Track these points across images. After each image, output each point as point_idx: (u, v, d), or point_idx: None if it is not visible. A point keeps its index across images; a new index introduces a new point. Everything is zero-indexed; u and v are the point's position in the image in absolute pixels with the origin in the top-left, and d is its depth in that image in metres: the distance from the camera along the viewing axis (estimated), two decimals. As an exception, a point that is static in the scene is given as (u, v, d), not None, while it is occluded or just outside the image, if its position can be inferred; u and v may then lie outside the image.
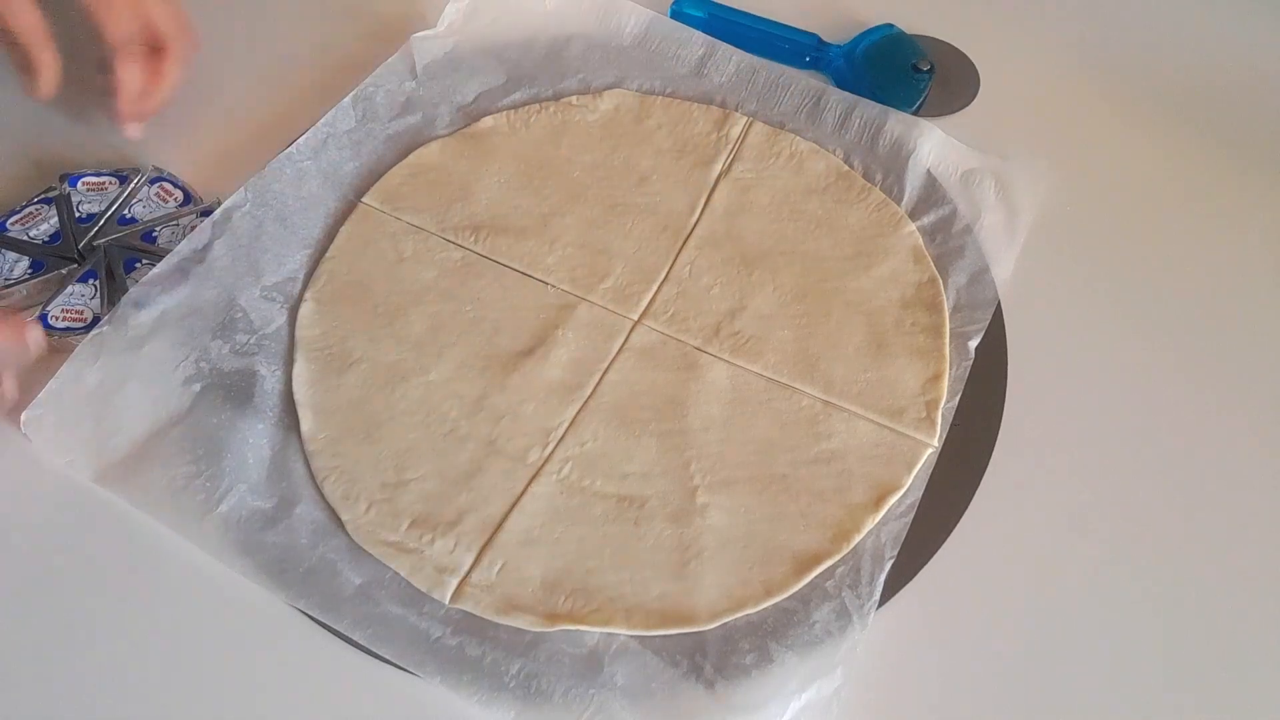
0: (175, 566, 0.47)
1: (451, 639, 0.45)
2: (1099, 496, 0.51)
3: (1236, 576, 0.49)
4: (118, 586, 0.47)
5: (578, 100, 0.65)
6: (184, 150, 0.62)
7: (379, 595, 0.47)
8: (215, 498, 0.48)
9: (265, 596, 0.46)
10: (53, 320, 0.53)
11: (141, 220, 0.58)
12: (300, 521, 0.49)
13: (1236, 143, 0.66)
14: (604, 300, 0.56)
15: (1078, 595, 0.48)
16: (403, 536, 0.48)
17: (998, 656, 0.47)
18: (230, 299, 0.55)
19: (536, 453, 0.51)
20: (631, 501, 0.50)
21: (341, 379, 0.53)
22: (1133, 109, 0.68)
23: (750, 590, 0.47)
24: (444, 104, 0.65)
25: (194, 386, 0.52)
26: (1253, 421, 0.54)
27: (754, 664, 0.45)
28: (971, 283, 0.58)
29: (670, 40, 0.68)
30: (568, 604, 0.47)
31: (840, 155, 0.63)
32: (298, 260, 0.57)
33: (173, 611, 0.46)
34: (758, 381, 0.54)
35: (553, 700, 0.44)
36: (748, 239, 0.59)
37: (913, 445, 0.52)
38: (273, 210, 0.58)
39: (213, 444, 0.50)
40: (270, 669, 0.45)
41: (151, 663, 0.45)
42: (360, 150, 0.62)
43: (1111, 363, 0.56)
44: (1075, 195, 0.62)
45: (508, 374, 0.53)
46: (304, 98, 0.64)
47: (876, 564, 0.48)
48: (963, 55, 0.69)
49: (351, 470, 0.50)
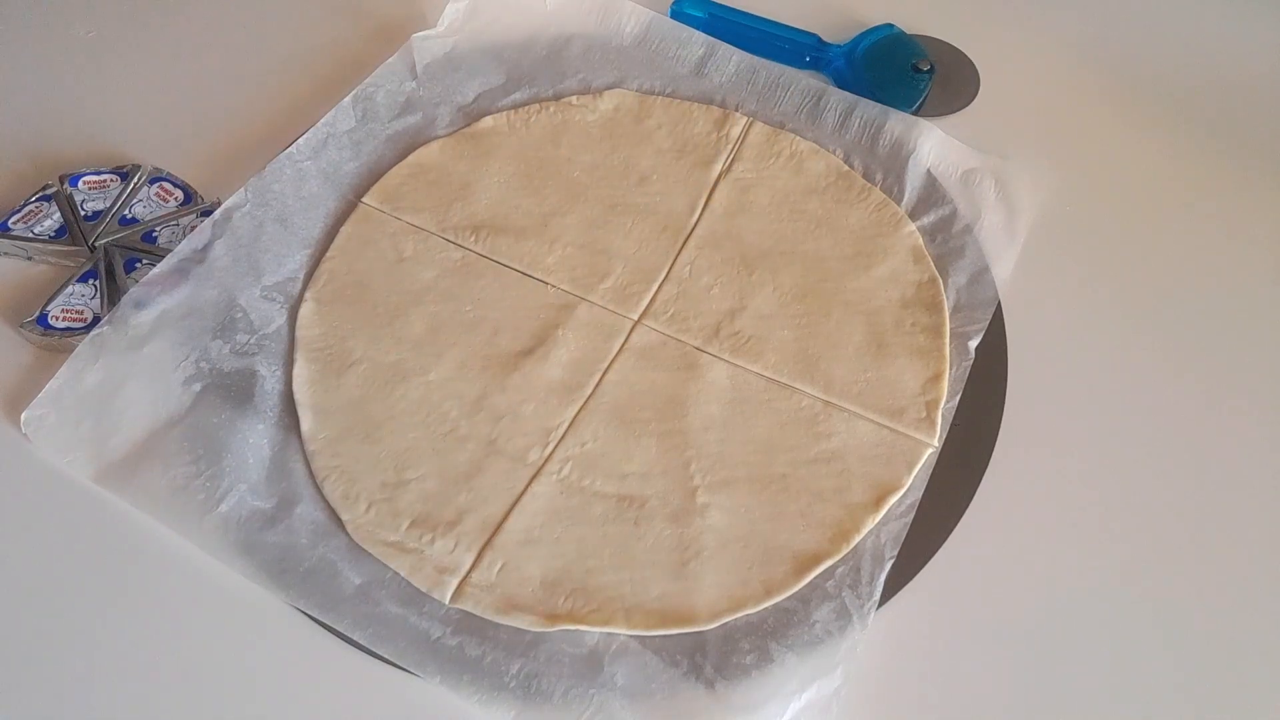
0: (174, 567, 0.47)
1: (451, 639, 0.45)
2: (1099, 496, 0.51)
3: (1237, 576, 0.49)
4: (116, 586, 0.47)
5: (578, 100, 0.65)
6: (185, 150, 0.62)
7: (379, 595, 0.47)
8: (215, 498, 0.48)
9: (265, 596, 0.46)
10: (53, 320, 0.53)
11: (143, 220, 0.58)
12: (300, 521, 0.49)
13: (1238, 143, 0.66)
14: (604, 300, 0.56)
15: (1078, 595, 0.48)
16: (403, 536, 0.48)
17: (998, 656, 0.47)
18: (230, 299, 0.55)
19: (536, 453, 0.51)
20: (631, 501, 0.50)
21: (341, 379, 0.53)
22: (1133, 109, 0.68)
23: (750, 590, 0.47)
24: (444, 104, 0.65)
25: (194, 386, 0.52)
26: (1253, 421, 0.54)
27: (754, 664, 0.45)
28: (972, 283, 0.58)
29: (670, 40, 0.68)
30: (568, 604, 0.47)
31: (840, 155, 0.63)
32: (298, 260, 0.57)
33: (172, 612, 0.46)
34: (758, 381, 0.54)
35: (553, 700, 0.44)
36: (748, 239, 0.59)
37: (913, 445, 0.52)
38: (273, 210, 0.58)
39: (213, 444, 0.50)
40: (270, 669, 0.45)
41: (149, 663, 0.45)
42: (360, 150, 0.62)
43: (1111, 362, 0.56)
44: (1075, 195, 0.62)
45: (508, 374, 0.53)
46: (305, 98, 0.65)
47: (876, 564, 0.48)
48: (963, 55, 0.69)
49: (351, 470, 0.50)
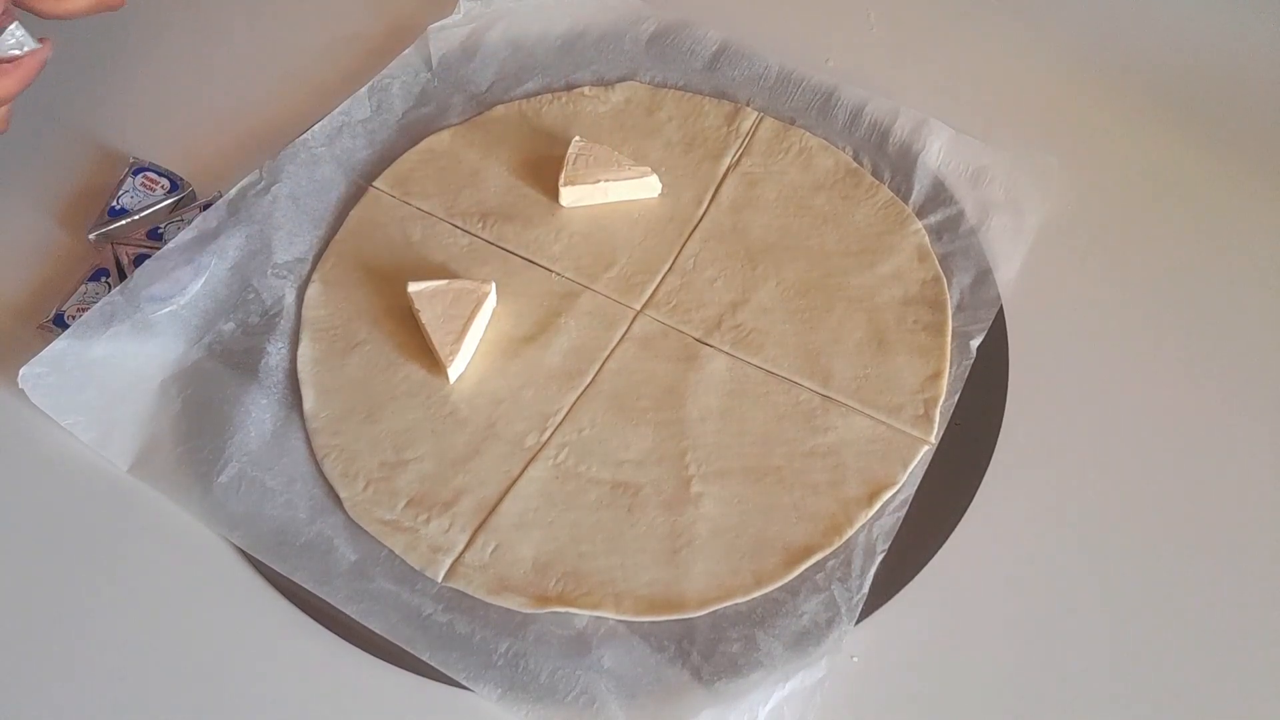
0: (169, 541, 0.48)
1: (442, 616, 0.46)
2: (1100, 498, 0.51)
3: (1238, 578, 0.49)
4: (110, 557, 0.48)
5: (589, 91, 0.65)
6: (196, 142, 0.63)
7: (373, 572, 0.47)
8: (215, 469, 0.49)
9: (259, 584, 0.47)
10: (69, 319, 0.54)
11: (131, 210, 0.58)
12: (299, 497, 0.49)
13: (1245, 145, 0.65)
14: (607, 289, 0.57)
15: (1077, 598, 0.48)
16: (399, 515, 0.49)
17: (999, 657, 0.46)
18: (242, 277, 0.56)
19: (534, 437, 0.52)
20: (626, 488, 0.50)
21: (345, 359, 0.54)
22: (1140, 110, 0.67)
23: (740, 580, 0.47)
24: (458, 94, 0.65)
25: (200, 360, 0.53)
26: (1256, 423, 0.54)
27: (740, 652, 0.45)
28: (976, 282, 0.57)
29: (685, 35, 0.68)
30: (558, 587, 0.47)
31: (849, 152, 0.63)
32: (308, 241, 0.58)
33: (163, 588, 0.47)
34: (756, 374, 0.54)
35: (540, 680, 0.44)
36: (753, 233, 0.59)
37: (909, 442, 0.52)
38: (286, 189, 0.59)
39: (216, 417, 0.51)
40: (253, 653, 0.46)
41: (137, 639, 0.46)
42: (374, 139, 0.63)
43: (1114, 364, 0.55)
44: (1082, 197, 0.62)
45: (509, 359, 0.54)
46: (321, 90, 0.65)
47: (867, 558, 0.48)
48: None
49: (351, 449, 0.51)
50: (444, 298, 0.54)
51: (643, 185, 0.60)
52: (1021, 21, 0.72)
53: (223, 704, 0.44)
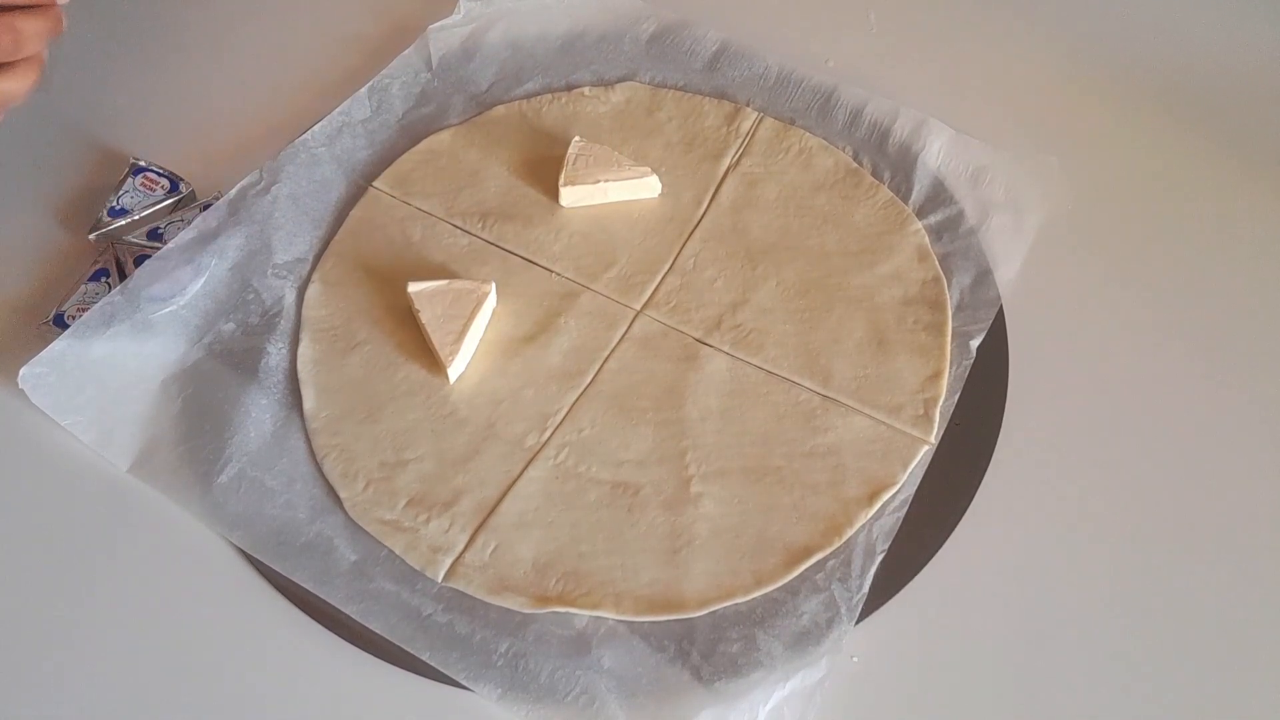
0: (168, 541, 0.48)
1: (442, 616, 0.46)
2: (1100, 498, 0.51)
3: (1239, 578, 0.49)
4: (106, 556, 0.48)
5: (589, 91, 0.65)
6: (196, 142, 0.63)
7: (373, 572, 0.47)
8: (215, 469, 0.49)
9: (258, 584, 0.47)
10: (68, 319, 0.53)
11: (131, 210, 0.59)
12: (299, 497, 0.49)
13: (1245, 145, 0.65)
14: (607, 289, 0.57)
15: (1077, 598, 0.48)
16: (399, 515, 0.49)
17: (999, 657, 0.46)
18: (242, 277, 0.56)
19: (534, 437, 0.52)
20: (626, 488, 0.50)
21: (345, 359, 0.54)
22: (1140, 110, 0.67)
23: (740, 580, 0.47)
24: (458, 94, 0.65)
25: (200, 360, 0.53)
26: (1257, 423, 0.54)
27: (740, 652, 0.45)
28: (976, 282, 0.57)
29: (684, 35, 0.69)
30: (558, 587, 0.47)
31: (850, 152, 0.63)
32: (308, 241, 0.58)
33: (161, 588, 0.47)
34: (756, 374, 0.54)
35: (539, 680, 0.44)
36: (753, 233, 0.59)
37: (909, 442, 0.52)
38: (286, 189, 0.59)
39: (216, 417, 0.51)
40: (254, 656, 0.46)
41: (133, 638, 0.46)
42: (374, 140, 0.63)
43: (1114, 364, 0.56)
44: (1082, 197, 0.62)
45: (509, 359, 0.54)
46: (321, 90, 0.65)
47: (867, 558, 0.48)
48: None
49: (351, 449, 0.51)
50: (444, 298, 0.54)
51: (643, 185, 0.60)
52: (1022, 21, 0.73)
53: (223, 704, 0.44)
